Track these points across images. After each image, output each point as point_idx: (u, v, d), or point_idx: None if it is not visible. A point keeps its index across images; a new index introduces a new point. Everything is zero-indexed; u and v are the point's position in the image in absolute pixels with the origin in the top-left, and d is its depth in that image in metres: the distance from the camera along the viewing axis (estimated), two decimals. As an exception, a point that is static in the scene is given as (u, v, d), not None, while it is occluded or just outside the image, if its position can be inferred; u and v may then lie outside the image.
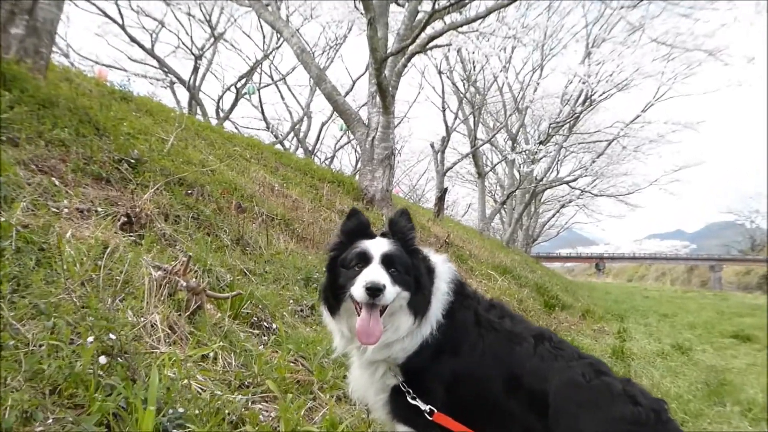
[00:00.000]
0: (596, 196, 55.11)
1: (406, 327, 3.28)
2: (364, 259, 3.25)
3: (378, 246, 3.31)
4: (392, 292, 3.14)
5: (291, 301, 6.84)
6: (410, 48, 14.97)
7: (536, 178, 42.17)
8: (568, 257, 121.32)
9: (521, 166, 39.10)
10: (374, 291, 3.05)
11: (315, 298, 7.20)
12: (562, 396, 3.02)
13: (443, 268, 3.57)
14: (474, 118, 34.23)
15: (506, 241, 39.70)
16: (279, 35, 28.52)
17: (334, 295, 3.36)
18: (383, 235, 3.48)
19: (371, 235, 3.48)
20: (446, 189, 30.12)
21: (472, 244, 21.82)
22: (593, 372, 3.10)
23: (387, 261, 3.23)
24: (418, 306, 3.29)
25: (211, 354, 4.51)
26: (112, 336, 3.57)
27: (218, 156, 11.97)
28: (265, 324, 5.83)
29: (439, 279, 3.48)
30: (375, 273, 3.14)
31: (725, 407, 7.23)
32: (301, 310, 6.82)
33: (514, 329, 3.39)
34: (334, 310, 3.42)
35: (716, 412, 6.95)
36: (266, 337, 5.59)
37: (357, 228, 3.50)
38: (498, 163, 44.82)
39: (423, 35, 14.78)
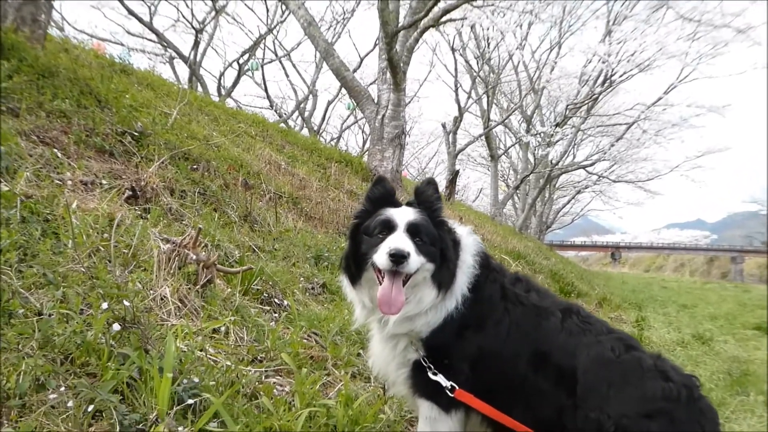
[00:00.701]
0: (614, 182, 54.86)
1: (429, 300, 3.27)
2: (389, 227, 3.24)
3: (403, 214, 3.30)
4: (416, 261, 3.13)
5: (302, 278, 6.90)
6: (423, 21, 14.88)
7: (551, 162, 42.04)
8: (583, 246, 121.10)
9: (536, 149, 39.02)
10: (398, 258, 3.03)
11: (326, 277, 7.25)
12: (591, 372, 3.03)
13: (469, 240, 3.56)
14: (487, 98, 34.14)
15: (519, 227, 39.62)
16: (284, 8, 28.44)
17: (356, 264, 3.35)
18: (409, 204, 3.47)
19: (397, 204, 3.46)
20: (457, 172, 30.17)
21: (484, 228, 21.81)
22: (623, 346, 3.11)
23: (412, 230, 3.22)
24: (443, 279, 3.27)
25: (223, 328, 4.57)
26: (126, 303, 3.61)
27: (222, 132, 11.99)
28: (276, 301, 5.87)
29: (464, 251, 3.47)
30: (400, 240, 3.13)
31: (748, 397, 7.24)
32: (312, 288, 6.86)
33: (541, 303, 3.39)
34: (355, 279, 3.41)
35: (739, 402, 6.96)
36: (277, 314, 5.64)
37: (382, 196, 3.49)
38: (512, 145, 44.78)
39: (436, 8, 14.69)
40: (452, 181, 27.82)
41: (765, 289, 37.83)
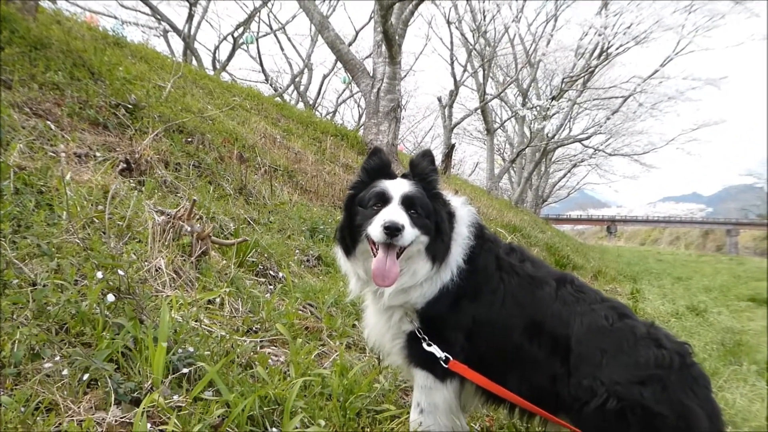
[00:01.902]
0: (610, 155, 54.75)
1: (423, 272, 3.27)
2: (383, 199, 3.23)
3: (398, 186, 3.28)
4: (411, 233, 3.12)
5: (297, 251, 6.92)
6: (418, -7, 14.81)
7: (547, 136, 41.94)
8: (579, 219, 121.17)
9: (532, 122, 38.92)
10: (393, 231, 3.02)
11: (321, 249, 7.27)
12: (584, 340, 3.05)
13: (463, 211, 3.55)
14: (483, 71, 33.98)
15: (515, 201, 39.61)
16: (279, -19, 28.13)
17: (351, 236, 3.35)
18: (404, 176, 3.46)
19: (392, 176, 3.45)
20: (453, 146, 30.08)
21: (480, 202, 21.84)
22: (616, 315, 3.13)
23: (407, 202, 3.21)
24: (437, 252, 3.27)
25: (218, 299, 4.57)
26: (120, 273, 3.61)
27: (217, 106, 11.93)
28: (272, 273, 5.88)
29: (459, 223, 3.46)
30: (394, 212, 3.12)
31: (741, 366, 7.29)
32: (308, 260, 6.88)
33: (536, 273, 3.40)
34: (350, 251, 3.41)
35: (732, 371, 7.01)
36: (273, 286, 5.66)
37: (378, 167, 3.47)
38: (508, 119, 44.71)
39: (432, -20, 14.58)
40: (448, 155, 27.78)
41: (759, 261, 38.00)
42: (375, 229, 3.09)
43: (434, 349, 3.23)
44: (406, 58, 39.29)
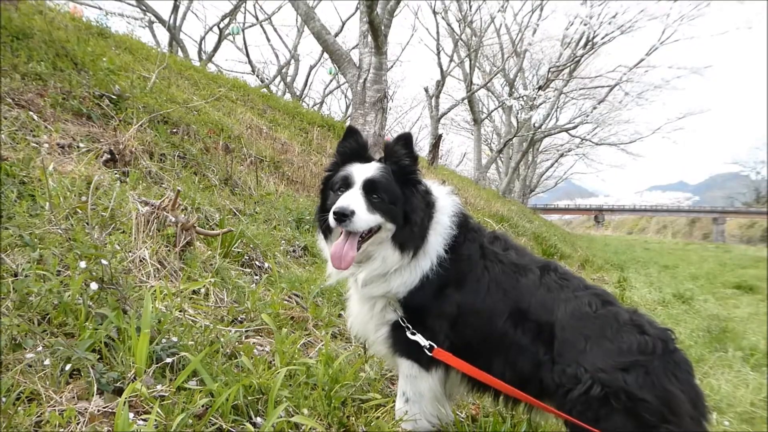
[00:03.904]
0: (597, 144, 54.94)
1: (393, 260, 3.29)
2: (346, 184, 3.26)
3: (363, 171, 3.29)
4: (365, 219, 3.14)
5: (283, 241, 6.91)
6: (404, -17, 14.75)
7: (534, 126, 41.95)
8: (567, 209, 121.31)
9: (519, 112, 38.90)
10: (340, 216, 3.06)
11: (307, 240, 7.26)
12: (568, 326, 3.06)
13: (446, 201, 3.55)
14: (470, 61, 33.90)
15: (503, 191, 39.69)
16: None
17: (324, 218, 3.36)
18: (379, 160, 3.44)
19: (367, 159, 3.45)
20: (441, 136, 30.02)
21: (468, 192, 21.85)
22: (600, 302, 3.14)
23: (369, 187, 3.22)
24: (406, 240, 3.28)
25: (203, 289, 4.56)
26: (104, 262, 3.58)
27: (203, 96, 11.88)
28: (257, 263, 5.87)
29: (440, 212, 3.46)
30: (347, 198, 3.15)
31: (727, 353, 7.34)
32: (294, 251, 6.88)
33: (520, 261, 3.41)
34: (326, 234, 3.47)
35: (718, 357, 7.05)
36: (258, 276, 5.65)
37: (353, 150, 3.48)
38: (495, 109, 44.63)
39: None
40: (435, 146, 27.74)
41: (745, 249, 38.21)
42: (330, 214, 3.12)
43: (418, 338, 3.25)
44: (393, 49, 39.23)
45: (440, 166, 30.28)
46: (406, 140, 3.43)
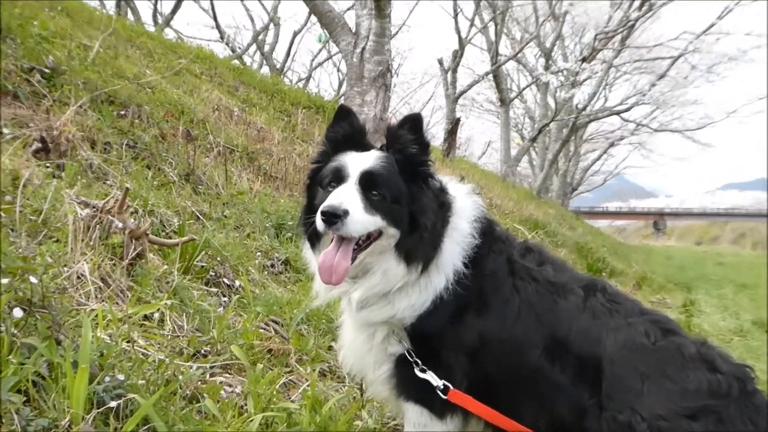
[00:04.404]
0: (656, 131, 54.81)
1: (396, 274, 3.25)
2: (338, 177, 3.23)
3: (360, 161, 3.26)
4: (361, 221, 3.09)
5: (258, 253, 6.92)
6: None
7: (577, 108, 41.90)
8: (618, 213, 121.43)
9: (557, 91, 38.86)
10: (329, 217, 3.00)
11: (289, 251, 7.27)
12: (619, 362, 3.04)
13: (466, 202, 3.54)
14: (495, 26, 33.92)
15: (537, 190, 39.61)
16: None
17: (311, 222, 3.28)
18: (381, 148, 3.42)
19: (365, 146, 3.44)
20: (458, 120, 30.03)
21: (493, 191, 21.87)
22: (659, 331, 3.13)
23: (366, 181, 3.18)
24: (413, 249, 3.24)
25: (157, 314, 4.55)
26: (33, 280, 3.57)
27: (159, 70, 11.90)
28: (226, 281, 5.88)
29: (458, 216, 3.44)
30: (339, 195, 3.10)
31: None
32: (272, 265, 6.89)
33: (558, 279, 3.40)
34: (313, 241, 3.44)
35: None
36: (227, 297, 5.66)
37: (347, 135, 3.46)
38: (527, 87, 44.69)
39: None
40: (452, 132, 27.73)
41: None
42: (318, 215, 3.07)
43: (430, 376, 3.23)
44: (398, 11, 39.33)
45: (458, 157, 30.28)
46: (414, 123, 3.39)
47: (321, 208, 3.02)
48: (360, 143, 3.43)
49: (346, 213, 3.00)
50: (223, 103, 12.10)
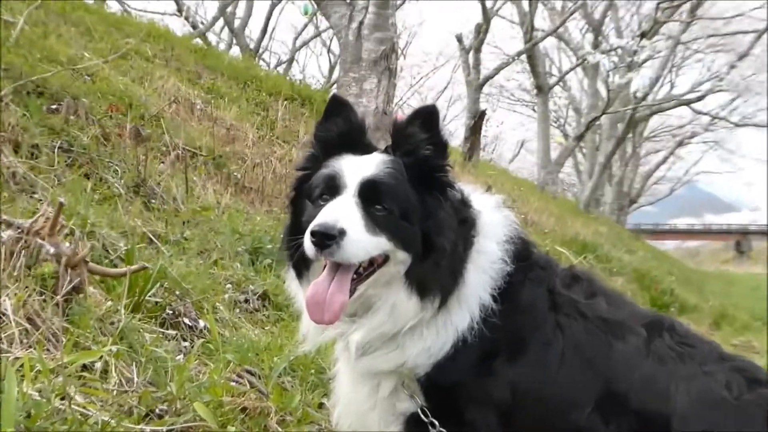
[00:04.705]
0: (737, 126, 54.79)
1: (407, 311, 3.20)
2: (332, 188, 3.19)
3: (360, 167, 3.23)
4: (362, 244, 3.04)
5: (228, 285, 6.91)
6: None
7: (635, 97, 41.98)
8: (690, 231, 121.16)
9: (610, 75, 38.98)
10: (321, 238, 2.94)
11: (268, 282, 7.25)
12: (693, 421, 3.02)
13: (494, 218, 3.53)
14: (531, -7, 34.11)
15: (585, 202, 39.72)
16: None
17: (297, 244, 3.22)
18: (384, 150, 3.40)
19: (366, 148, 3.42)
20: (483, 113, 30.07)
21: (529, 205, 21.90)
22: (744, 381, 3.11)
23: (368, 192, 3.14)
24: (427, 279, 3.20)
25: (99, 363, 4.55)
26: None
27: (100, 52, 11.95)
28: (187, 321, 5.87)
29: (484, 236, 3.42)
30: (333, 210, 3.04)
31: None
32: (246, 301, 6.88)
33: (614, 315, 3.37)
34: (300, 269, 3.41)
35: None
36: (189, 342, 5.65)
37: (342, 133, 3.43)
38: (571, 70, 44.79)
39: None
40: (475, 129, 27.78)
41: None
42: (307, 236, 3.03)
43: (451, 442, 3.22)
44: (406, -25, 39.31)
45: (483, 161, 30.35)
46: (427, 117, 3.35)
47: (310, 227, 2.96)
48: (359, 144, 3.41)
49: (342, 233, 2.93)
50: (182, 94, 12.14)
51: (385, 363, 3.29)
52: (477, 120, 28.29)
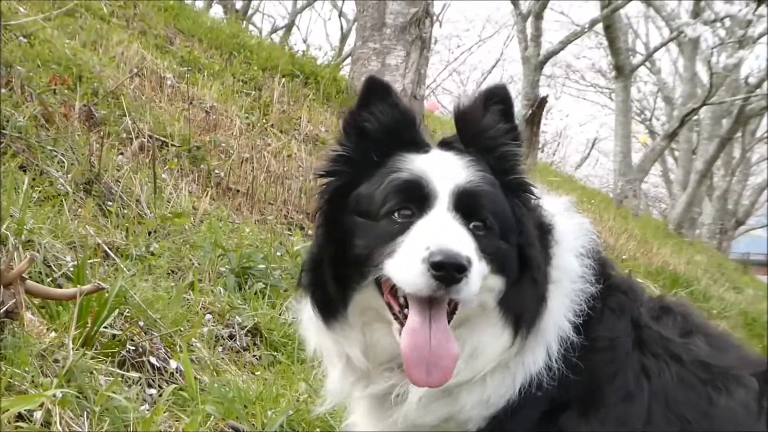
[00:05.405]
0: None
1: (492, 353, 3.20)
2: (417, 199, 3.12)
3: (446, 170, 3.19)
4: (479, 275, 2.97)
5: (208, 315, 6.92)
6: None
7: (747, 84, 41.79)
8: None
9: (714, 54, 38.83)
10: (449, 272, 2.82)
11: (260, 311, 7.25)
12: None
13: (567, 224, 3.55)
14: (610, -57, 34.05)
15: (677, 221, 39.51)
16: None
17: (340, 277, 3.22)
18: (444, 144, 3.42)
19: (420, 145, 3.39)
20: (544, 100, 29.91)
21: (602, 223, 21.85)
22: None
23: (467, 205, 3.10)
24: (526, 306, 3.19)
25: (39, 413, 4.58)
26: None
27: (40, 6, 11.98)
28: (154, 361, 5.88)
29: (561, 247, 3.43)
30: (449, 232, 2.96)
31: None
32: (231, 337, 6.88)
33: (716, 360, 3.38)
34: (335, 310, 3.30)
35: None
36: (156, 388, 5.67)
37: (390, 124, 3.38)
38: (661, 46, 44.68)
39: None
40: (533, 121, 27.63)
41: None
42: (411, 269, 2.91)
43: None
44: None
45: (541, 164, 30.26)
46: (504, 100, 3.39)
47: (432, 255, 2.82)
48: (410, 138, 3.38)
49: (470, 263, 2.86)
50: (147, 65, 12.16)
51: (430, 415, 3.26)
52: (535, 109, 28.07)
